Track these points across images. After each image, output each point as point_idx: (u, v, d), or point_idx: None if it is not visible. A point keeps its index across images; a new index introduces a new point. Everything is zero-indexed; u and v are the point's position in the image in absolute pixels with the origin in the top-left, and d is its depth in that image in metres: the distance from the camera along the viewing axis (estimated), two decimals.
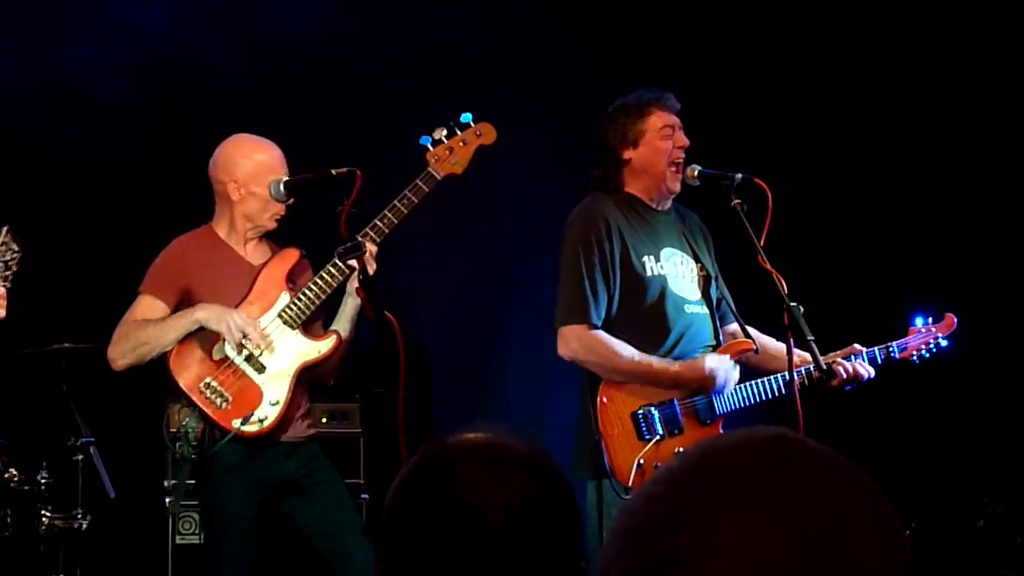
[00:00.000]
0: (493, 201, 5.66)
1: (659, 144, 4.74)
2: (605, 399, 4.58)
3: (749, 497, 1.04)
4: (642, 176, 4.78)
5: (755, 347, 4.79)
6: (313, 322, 4.91)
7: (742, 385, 4.70)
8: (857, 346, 4.81)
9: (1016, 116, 6.38)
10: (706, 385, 4.62)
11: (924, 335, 4.93)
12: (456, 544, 1.73)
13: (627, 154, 4.78)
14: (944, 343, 4.94)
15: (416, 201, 4.73)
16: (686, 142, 4.75)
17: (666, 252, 4.77)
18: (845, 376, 4.69)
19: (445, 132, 4.79)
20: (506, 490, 1.75)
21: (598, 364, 4.60)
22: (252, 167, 4.85)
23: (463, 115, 4.83)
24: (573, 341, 4.60)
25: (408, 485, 1.81)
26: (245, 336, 4.71)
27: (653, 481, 1.11)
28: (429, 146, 4.77)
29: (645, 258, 4.70)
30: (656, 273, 4.70)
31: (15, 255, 4.49)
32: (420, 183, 4.73)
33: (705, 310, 4.80)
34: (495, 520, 1.74)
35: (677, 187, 4.78)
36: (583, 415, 4.62)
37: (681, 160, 4.74)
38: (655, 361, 4.60)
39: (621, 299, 4.65)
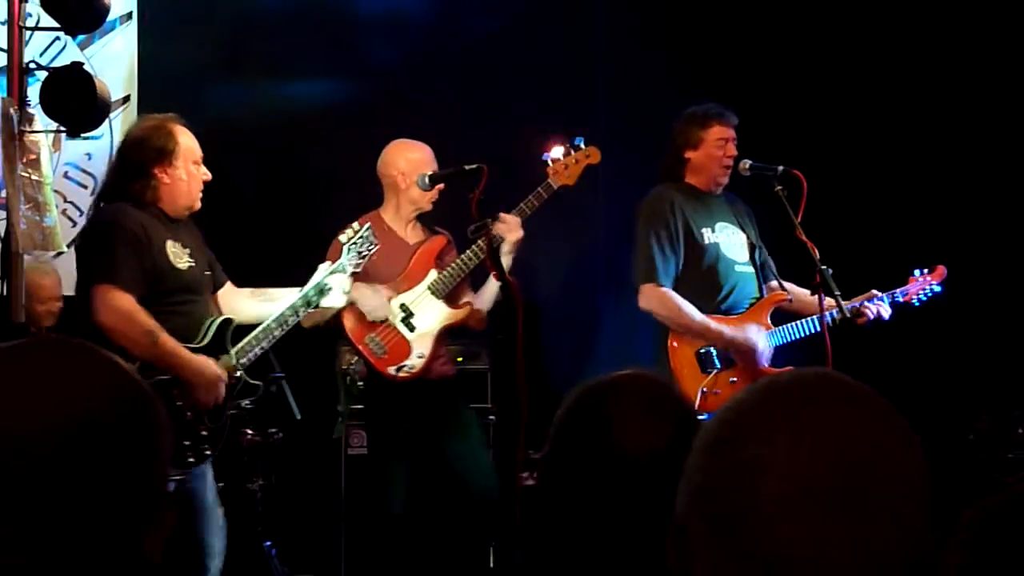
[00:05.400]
0: (595, 191, 5.62)
1: (714, 152, 4.75)
2: (675, 343, 4.61)
3: (799, 422, 1.06)
4: (699, 173, 4.79)
5: (789, 298, 4.78)
6: (456, 293, 4.94)
7: (780, 327, 4.69)
8: (875, 291, 4.78)
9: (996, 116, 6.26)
10: (745, 351, 4.59)
11: (921, 283, 4.89)
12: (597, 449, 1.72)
13: (688, 154, 4.80)
14: (938, 288, 4.90)
15: (538, 205, 4.75)
16: (735, 152, 4.75)
17: (719, 225, 4.77)
18: (871, 316, 4.67)
19: (562, 151, 4.80)
20: (650, 428, 1.71)
21: (668, 318, 4.61)
22: (413, 162, 4.92)
23: (576, 138, 4.83)
24: (649, 297, 4.62)
25: (569, 415, 1.79)
26: (384, 318, 4.77)
27: (726, 408, 1.12)
28: (549, 161, 4.79)
29: (703, 230, 4.71)
30: (712, 241, 4.71)
31: (372, 247, 4.46)
32: (542, 191, 4.76)
33: (751, 270, 4.79)
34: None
35: (725, 181, 4.79)
36: (660, 356, 4.63)
37: (729, 164, 4.75)
38: (711, 324, 4.59)
39: (686, 262, 4.66)
